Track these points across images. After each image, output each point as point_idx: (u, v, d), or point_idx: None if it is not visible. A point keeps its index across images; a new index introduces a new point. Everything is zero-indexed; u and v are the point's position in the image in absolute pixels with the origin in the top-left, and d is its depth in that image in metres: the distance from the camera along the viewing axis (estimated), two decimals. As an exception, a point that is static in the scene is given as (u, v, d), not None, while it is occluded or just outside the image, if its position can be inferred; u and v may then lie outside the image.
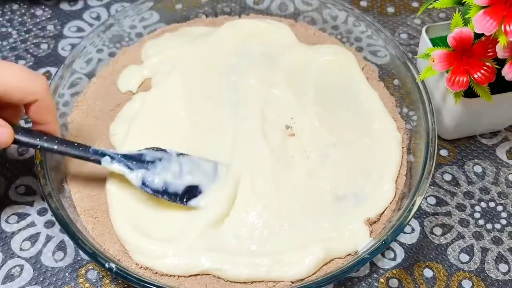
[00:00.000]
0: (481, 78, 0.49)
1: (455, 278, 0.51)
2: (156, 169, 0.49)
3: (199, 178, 0.51)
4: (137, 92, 0.59)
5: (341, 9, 0.64)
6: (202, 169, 0.51)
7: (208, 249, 0.48)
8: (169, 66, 0.60)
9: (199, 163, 0.51)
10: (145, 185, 0.49)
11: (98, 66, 0.62)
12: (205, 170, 0.51)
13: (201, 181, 0.51)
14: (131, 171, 0.49)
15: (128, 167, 0.49)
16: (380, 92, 0.60)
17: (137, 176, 0.49)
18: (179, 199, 0.50)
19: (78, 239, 0.46)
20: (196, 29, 0.66)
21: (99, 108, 0.58)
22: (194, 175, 0.50)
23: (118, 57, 0.63)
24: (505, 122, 0.60)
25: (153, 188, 0.49)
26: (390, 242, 0.47)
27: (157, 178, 0.49)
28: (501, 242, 0.54)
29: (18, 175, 0.57)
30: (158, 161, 0.50)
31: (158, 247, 0.48)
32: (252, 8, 0.68)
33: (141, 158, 0.50)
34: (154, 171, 0.49)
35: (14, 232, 0.53)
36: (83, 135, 0.56)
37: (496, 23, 0.44)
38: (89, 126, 0.57)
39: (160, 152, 0.50)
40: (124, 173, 0.49)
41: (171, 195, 0.49)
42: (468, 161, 0.59)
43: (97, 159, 0.49)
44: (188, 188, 0.50)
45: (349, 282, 0.51)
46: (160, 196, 0.49)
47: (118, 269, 0.45)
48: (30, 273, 0.51)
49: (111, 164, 0.49)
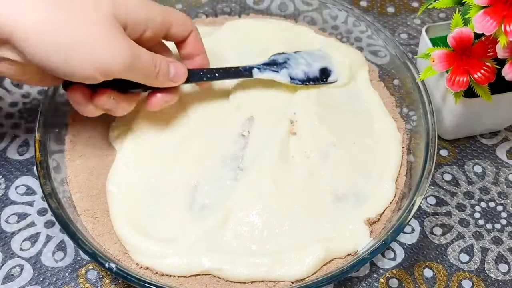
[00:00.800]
0: (481, 78, 0.49)
1: (455, 278, 0.51)
2: (292, 66, 0.57)
3: (323, 61, 0.60)
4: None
5: (341, 9, 0.64)
6: (317, 55, 0.60)
7: (208, 249, 0.48)
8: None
9: (313, 52, 0.60)
10: (293, 79, 0.57)
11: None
12: (320, 55, 0.60)
13: (326, 62, 0.60)
14: (277, 73, 0.56)
15: (273, 71, 0.56)
16: (380, 92, 0.60)
17: (284, 74, 0.57)
18: (321, 81, 0.58)
19: (78, 239, 0.46)
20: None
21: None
22: (317, 61, 0.59)
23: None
24: (505, 122, 0.60)
25: (300, 79, 0.57)
26: (390, 242, 0.47)
27: (297, 71, 0.57)
28: (501, 242, 0.54)
29: (18, 175, 0.57)
30: (288, 60, 0.58)
31: (158, 247, 0.48)
32: (252, 8, 0.68)
33: (276, 62, 0.57)
34: (291, 67, 0.57)
35: (14, 232, 0.53)
36: (83, 134, 0.56)
37: (496, 23, 0.44)
38: (89, 126, 0.57)
39: (284, 54, 0.58)
40: (273, 77, 0.56)
41: (313, 80, 0.58)
42: (468, 161, 0.59)
43: (250, 74, 0.56)
44: (321, 70, 0.59)
45: (349, 282, 0.51)
46: (307, 83, 0.58)
47: (118, 269, 0.45)
48: (30, 273, 0.51)
49: (261, 74, 0.56)
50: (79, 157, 0.54)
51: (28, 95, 0.63)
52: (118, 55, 0.42)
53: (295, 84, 0.57)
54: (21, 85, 0.64)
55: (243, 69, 0.55)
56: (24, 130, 0.61)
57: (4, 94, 0.63)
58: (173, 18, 0.48)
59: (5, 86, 0.64)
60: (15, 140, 0.60)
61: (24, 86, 0.64)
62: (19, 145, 0.59)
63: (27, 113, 0.62)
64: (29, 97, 0.63)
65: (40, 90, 0.64)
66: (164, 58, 0.48)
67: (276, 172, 0.52)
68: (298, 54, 0.59)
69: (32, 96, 0.63)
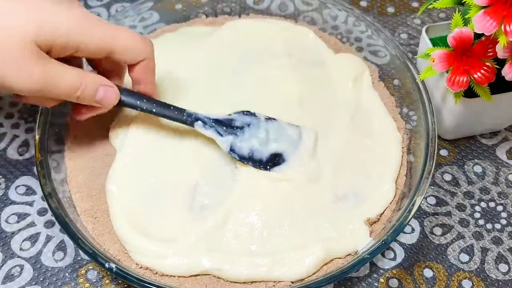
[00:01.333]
0: (481, 78, 0.48)
1: (455, 278, 0.51)
2: (244, 135, 0.51)
3: (284, 145, 0.52)
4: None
5: (341, 9, 0.64)
6: (287, 136, 0.52)
7: (208, 249, 0.48)
8: (170, 66, 0.59)
9: (285, 129, 0.53)
10: (233, 151, 0.51)
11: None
12: (291, 136, 0.52)
13: (286, 148, 0.52)
14: (221, 137, 0.51)
15: (219, 132, 0.51)
16: (380, 92, 0.60)
17: (226, 142, 0.51)
18: (263, 166, 0.51)
19: (78, 239, 0.46)
20: (196, 29, 0.66)
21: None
22: (280, 142, 0.52)
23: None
24: (505, 122, 0.60)
25: (240, 155, 0.51)
26: (390, 242, 0.47)
27: (245, 144, 0.51)
28: (501, 242, 0.54)
29: (18, 175, 0.57)
30: (247, 126, 0.52)
31: (158, 247, 0.48)
32: (252, 8, 0.68)
33: (231, 123, 0.52)
34: (242, 137, 0.51)
35: (14, 232, 0.53)
36: (83, 134, 0.56)
37: (496, 23, 0.44)
38: (89, 126, 0.56)
39: (249, 116, 0.52)
40: (215, 139, 0.51)
41: (256, 162, 0.51)
42: (468, 161, 0.59)
43: (191, 123, 0.51)
44: (272, 155, 0.52)
45: (349, 282, 0.51)
46: (245, 162, 0.51)
47: (118, 269, 0.45)
48: (30, 273, 0.51)
49: (203, 129, 0.51)
50: (79, 157, 0.54)
51: (28, 95, 0.63)
52: (27, 80, 0.42)
53: (232, 156, 0.51)
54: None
55: (186, 115, 0.51)
56: (24, 130, 0.61)
57: (4, 94, 0.63)
58: (116, 46, 0.46)
59: (5, 86, 0.64)
60: (15, 140, 0.60)
61: (24, 86, 0.64)
62: (19, 145, 0.59)
63: (27, 113, 0.62)
64: (29, 97, 0.63)
65: (40, 90, 0.64)
66: (96, 81, 0.47)
67: (275, 171, 0.52)
68: (268, 123, 0.52)
69: (32, 96, 0.63)
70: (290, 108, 0.56)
